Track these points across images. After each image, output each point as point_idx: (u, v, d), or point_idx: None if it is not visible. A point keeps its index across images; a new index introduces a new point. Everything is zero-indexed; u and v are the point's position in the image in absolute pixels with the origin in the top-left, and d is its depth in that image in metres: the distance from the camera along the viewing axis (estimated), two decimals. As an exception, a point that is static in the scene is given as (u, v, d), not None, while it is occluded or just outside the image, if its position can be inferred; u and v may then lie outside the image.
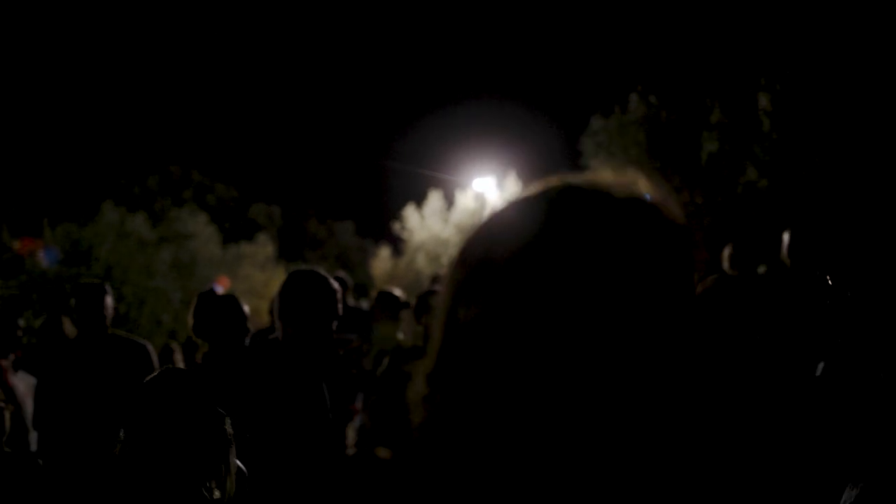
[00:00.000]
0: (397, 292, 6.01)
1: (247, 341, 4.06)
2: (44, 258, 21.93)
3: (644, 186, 0.77)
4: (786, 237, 4.33)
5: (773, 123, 12.81)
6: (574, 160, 19.33)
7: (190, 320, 3.93)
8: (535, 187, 0.79)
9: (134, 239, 24.78)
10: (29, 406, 4.34)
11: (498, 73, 63.41)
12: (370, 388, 4.77)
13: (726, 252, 4.95)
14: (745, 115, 14.04)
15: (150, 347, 4.39)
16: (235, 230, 35.95)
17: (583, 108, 25.47)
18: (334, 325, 2.99)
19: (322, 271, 3.15)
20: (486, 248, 0.75)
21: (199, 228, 28.03)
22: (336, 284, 3.08)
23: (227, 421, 2.02)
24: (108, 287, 4.42)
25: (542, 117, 43.90)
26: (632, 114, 16.09)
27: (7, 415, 2.72)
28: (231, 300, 4.02)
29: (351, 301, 8.81)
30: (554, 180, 0.78)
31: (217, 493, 1.91)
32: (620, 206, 0.74)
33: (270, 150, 55.12)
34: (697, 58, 14.82)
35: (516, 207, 0.78)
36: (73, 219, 27.14)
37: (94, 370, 4.10)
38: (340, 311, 3.02)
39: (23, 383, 4.55)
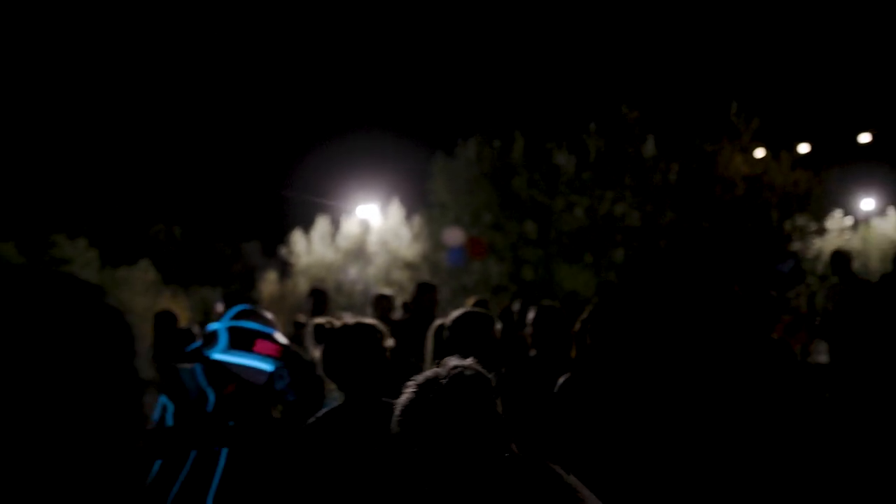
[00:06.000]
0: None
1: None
2: None
3: None
4: (530, 314, 4.45)
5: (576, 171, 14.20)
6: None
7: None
8: None
9: None
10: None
11: (379, 107, 66.54)
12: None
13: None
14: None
15: None
16: (119, 253, 34.93)
17: (438, 146, 26.89)
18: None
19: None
20: None
21: (78, 253, 27.89)
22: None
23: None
24: None
25: (419, 148, 46.11)
26: (468, 156, 17.47)
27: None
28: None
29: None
30: None
31: None
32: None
33: (166, 172, 54.91)
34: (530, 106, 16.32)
35: None
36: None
37: None
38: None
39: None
